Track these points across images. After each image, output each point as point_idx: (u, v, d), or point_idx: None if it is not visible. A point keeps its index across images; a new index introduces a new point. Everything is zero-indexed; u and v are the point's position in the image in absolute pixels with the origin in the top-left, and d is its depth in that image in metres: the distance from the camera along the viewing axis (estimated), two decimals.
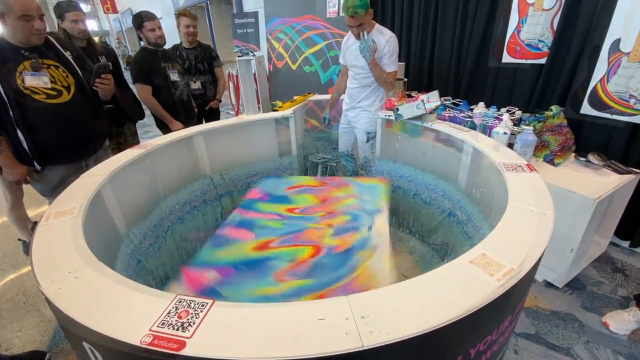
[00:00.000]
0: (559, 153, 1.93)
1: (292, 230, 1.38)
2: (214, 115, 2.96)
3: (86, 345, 0.69)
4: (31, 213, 2.84)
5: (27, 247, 2.10)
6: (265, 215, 1.50)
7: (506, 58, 2.38)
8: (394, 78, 2.03)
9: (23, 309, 1.81)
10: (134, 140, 2.52)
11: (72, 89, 1.63)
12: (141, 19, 2.22)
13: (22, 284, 1.99)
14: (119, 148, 2.32)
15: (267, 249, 1.27)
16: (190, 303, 0.66)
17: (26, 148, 1.54)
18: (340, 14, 3.66)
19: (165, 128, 2.40)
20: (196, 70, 2.74)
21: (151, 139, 1.72)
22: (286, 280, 1.09)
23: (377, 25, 1.98)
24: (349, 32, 1.99)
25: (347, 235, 1.29)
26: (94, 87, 1.70)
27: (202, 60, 2.74)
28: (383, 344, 0.57)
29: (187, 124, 2.36)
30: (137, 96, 2.34)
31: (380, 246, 1.20)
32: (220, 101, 2.95)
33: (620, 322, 1.53)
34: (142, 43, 2.42)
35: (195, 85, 2.75)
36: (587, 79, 1.97)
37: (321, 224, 1.39)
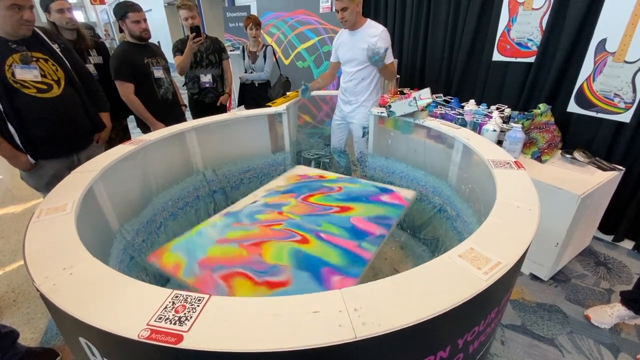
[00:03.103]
0: (546, 150, 1.98)
1: (290, 224, 1.41)
2: (224, 111, 2.82)
3: (82, 340, 0.70)
4: (21, 207, 2.80)
5: None
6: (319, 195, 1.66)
7: (496, 56, 2.42)
8: (394, 67, 2.21)
9: (13, 306, 1.79)
10: (124, 136, 2.49)
11: (62, 83, 1.60)
12: (125, 9, 2.06)
13: (11, 281, 1.97)
14: (109, 143, 2.28)
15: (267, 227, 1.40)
16: (187, 298, 0.67)
17: (18, 142, 1.52)
18: (333, 10, 3.65)
19: (146, 129, 2.25)
20: (208, 62, 2.63)
21: (142, 134, 1.71)
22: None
23: (369, 21, 1.99)
24: (342, 29, 2.00)
25: None
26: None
27: (212, 52, 2.64)
28: (375, 335, 0.59)
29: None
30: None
31: None
32: (230, 95, 2.85)
33: (602, 316, 1.58)
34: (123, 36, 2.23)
35: (206, 78, 2.64)
36: (574, 78, 2.02)
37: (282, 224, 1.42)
